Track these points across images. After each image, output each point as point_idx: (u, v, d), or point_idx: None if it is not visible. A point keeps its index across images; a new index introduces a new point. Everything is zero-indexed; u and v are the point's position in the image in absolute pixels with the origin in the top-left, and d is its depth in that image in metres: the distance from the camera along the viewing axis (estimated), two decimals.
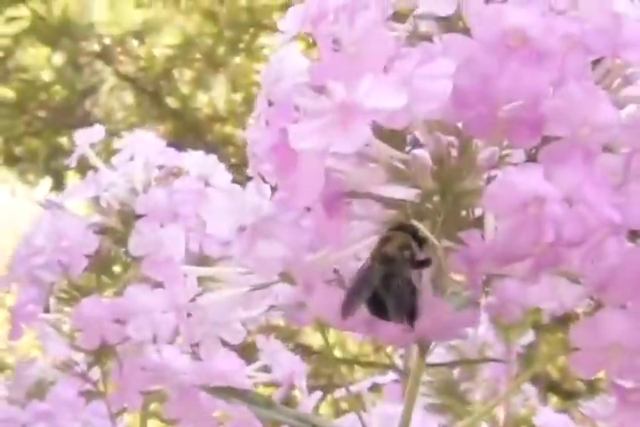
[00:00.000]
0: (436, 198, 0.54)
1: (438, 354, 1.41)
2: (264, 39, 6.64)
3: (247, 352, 0.85)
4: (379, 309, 0.55)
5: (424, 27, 0.57)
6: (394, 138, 0.54)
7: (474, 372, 1.57)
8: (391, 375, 1.19)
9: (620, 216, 0.52)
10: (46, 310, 0.89)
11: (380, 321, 0.56)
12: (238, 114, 6.64)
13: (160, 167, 0.92)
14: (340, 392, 1.11)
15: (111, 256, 0.89)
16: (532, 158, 0.54)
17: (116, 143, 0.94)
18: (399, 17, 0.58)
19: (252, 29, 6.43)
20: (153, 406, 0.92)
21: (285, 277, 0.61)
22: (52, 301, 0.90)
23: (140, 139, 0.93)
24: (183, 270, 0.74)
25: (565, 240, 0.51)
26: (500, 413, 1.48)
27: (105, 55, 6.56)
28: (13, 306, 0.88)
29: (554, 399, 3.63)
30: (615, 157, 0.54)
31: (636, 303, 0.53)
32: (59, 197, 0.92)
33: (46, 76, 6.79)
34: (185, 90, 6.68)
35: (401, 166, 0.54)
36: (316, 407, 0.87)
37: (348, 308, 0.55)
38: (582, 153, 0.52)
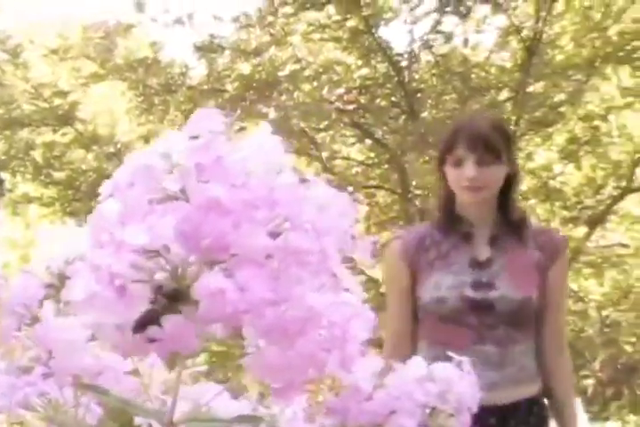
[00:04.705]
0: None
1: None
2: None
3: None
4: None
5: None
6: (155, 257, 0.56)
7: None
8: None
9: (275, 296, 0.55)
10: None
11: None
12: None
13: None
14: None
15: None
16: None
17: None
18: None
19: None
20: None
21: None
22: None
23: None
24: None
25: (240, 311, 0.54)
26: None
27: (118, 154, 6.54)
28: None
29: None
30: (274, 262, 0.56)
31: (282, 344, 0.56)
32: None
33: (85, 166, 6.77)
34: None
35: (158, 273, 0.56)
36: None
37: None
38: (253, 263, 0.55)
